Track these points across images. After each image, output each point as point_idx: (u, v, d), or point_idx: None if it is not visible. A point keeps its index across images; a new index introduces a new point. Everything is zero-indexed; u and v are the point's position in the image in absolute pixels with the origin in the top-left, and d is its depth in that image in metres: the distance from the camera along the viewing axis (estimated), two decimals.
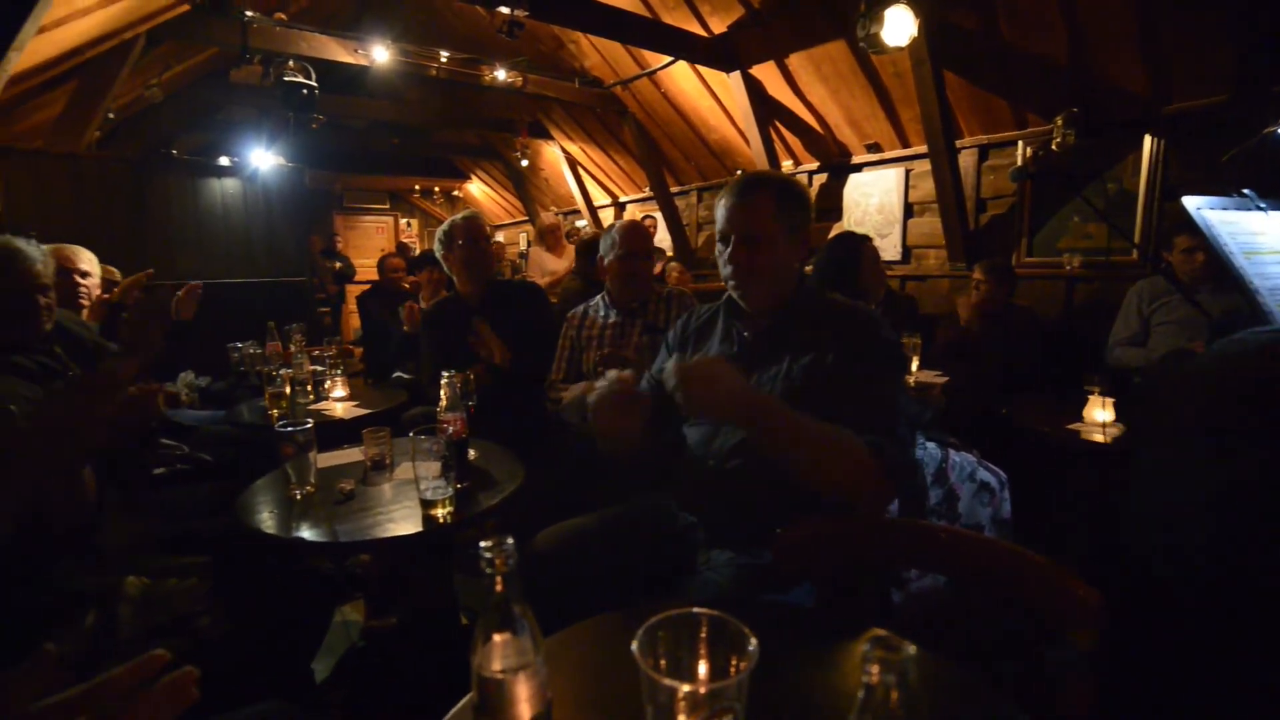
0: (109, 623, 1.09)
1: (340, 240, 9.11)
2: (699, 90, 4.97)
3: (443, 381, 1.35)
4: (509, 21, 3.81)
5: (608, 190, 7.39)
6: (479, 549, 0.53)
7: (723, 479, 1.26)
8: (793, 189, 1.28)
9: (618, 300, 2.14)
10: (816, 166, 4.89)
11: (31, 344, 1.76)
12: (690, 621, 0.62)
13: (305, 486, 1.37)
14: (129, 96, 4.80)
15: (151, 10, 3.73)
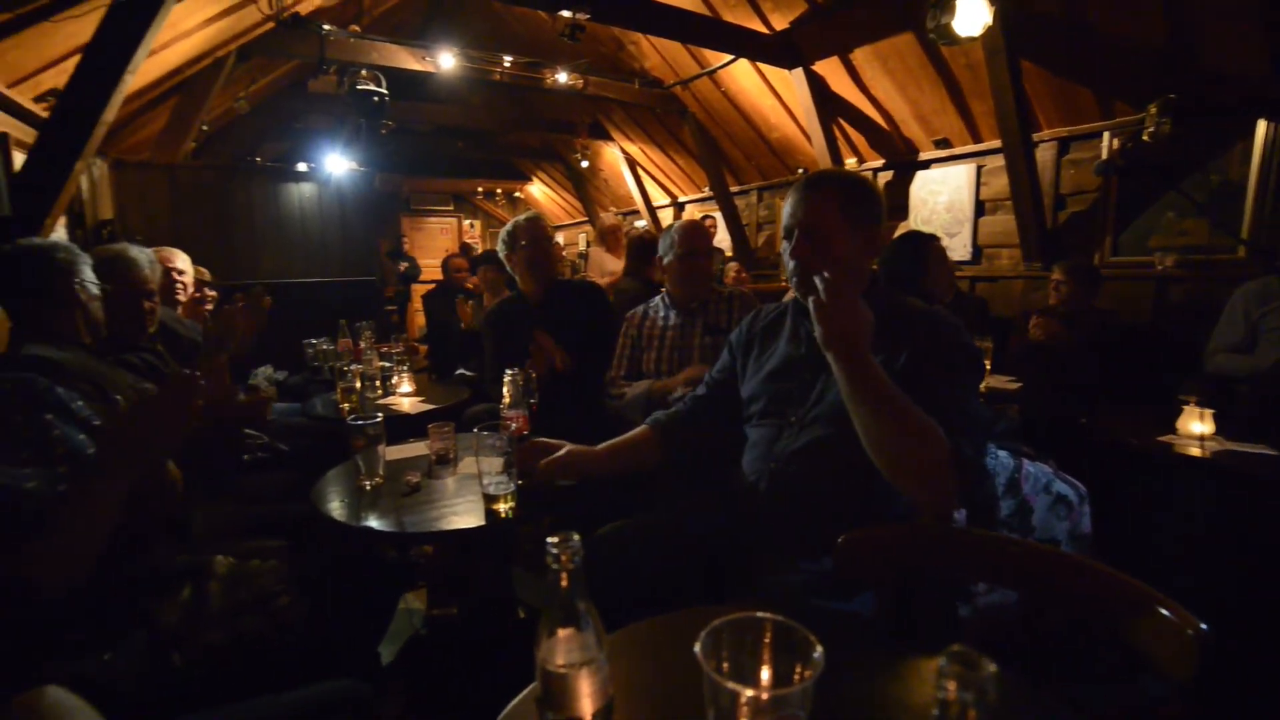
0: (201, 597, 1.16)
1: (407, 241, 9.45)
2: (760, 88, 4.91)
3: (505, 379, 1.38)
4: (571, 25, 3.87)
5: (667, 190, 7.39)
6: (546, 544, 0.54)
7: (785, 482, 1.24)
8: (861, 186, 1.25)
9: (678, 301, 2.14)
10: (881, 164, 4.75)
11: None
12: (754, 625, 0.62)
13: (374, 478, 1.43)
14: (220, 109, 5.13)
15: (242, 29, 3.98)
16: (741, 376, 1.43)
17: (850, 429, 1.18)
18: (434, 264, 8.56)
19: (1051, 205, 3.70)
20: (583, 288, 2.57)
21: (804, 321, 1.34)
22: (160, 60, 3.48)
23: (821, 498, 1.18)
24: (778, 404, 1.30)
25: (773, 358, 1.36)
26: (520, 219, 2.40)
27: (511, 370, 1.39)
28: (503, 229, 2.46)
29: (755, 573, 1.23)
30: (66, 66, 2.75)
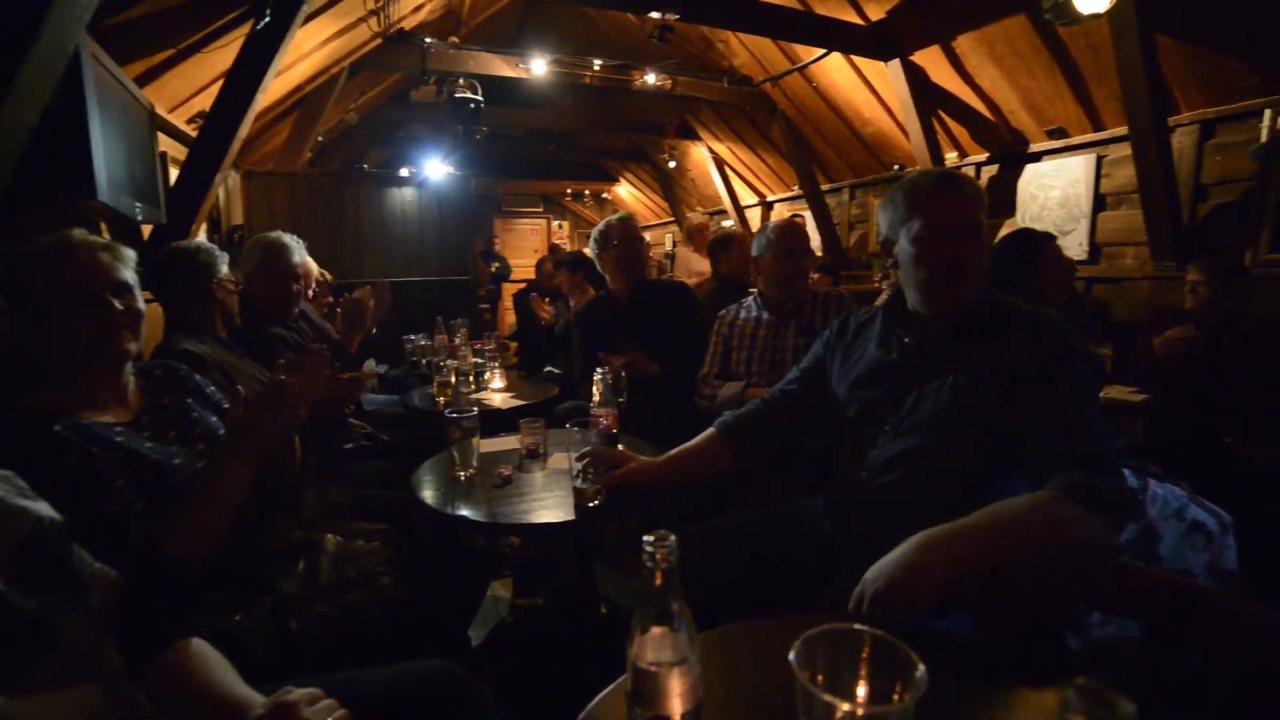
0: (314, 571, 1.25)
1: (498, 242, 9.82)
2: (853, 82, 4.73)
3: (596, 377, 1.40)
4: (660, 26, 3.89)
5: (755, 190, 7.28)
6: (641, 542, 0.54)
7: (876, 492, 1.19)
8: (981, 190, 1.20)
9: (771, 301, 2.11)
10: (985, 158, 4.47)
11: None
12: (851, 638, 0.60)
13: (468, 469, 1.49)
14: (333, 121, 5.53)
15: (353, 47, 4.27)
16: (830, 376, 1.38)
17: (947, 438, 1.12)
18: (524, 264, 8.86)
19: (1189, 197, 3.32)
20: (671, 287, 2.58)
21: (896, 326, 1.28)
22: (285, 80, 3.80)
23: (916, 508, 1.12)
24: (869, 411, 1.25)
25: (862, 362, 1.31)
26: (613, 218, 2.44)
27: (601, 369, 1.41)
28: (594, 228, 2.50)
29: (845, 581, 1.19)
30: (212, 91, 3.05)
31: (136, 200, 2.03)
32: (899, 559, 0.89)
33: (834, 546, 1.25)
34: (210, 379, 1.44)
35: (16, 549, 0.66)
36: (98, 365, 1.14)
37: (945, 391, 1.14)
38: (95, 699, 0.65)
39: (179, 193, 2.62)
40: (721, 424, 1.43)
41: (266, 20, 2.48)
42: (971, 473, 1.11)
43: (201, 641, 0.85)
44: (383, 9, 3.99)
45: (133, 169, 2.04)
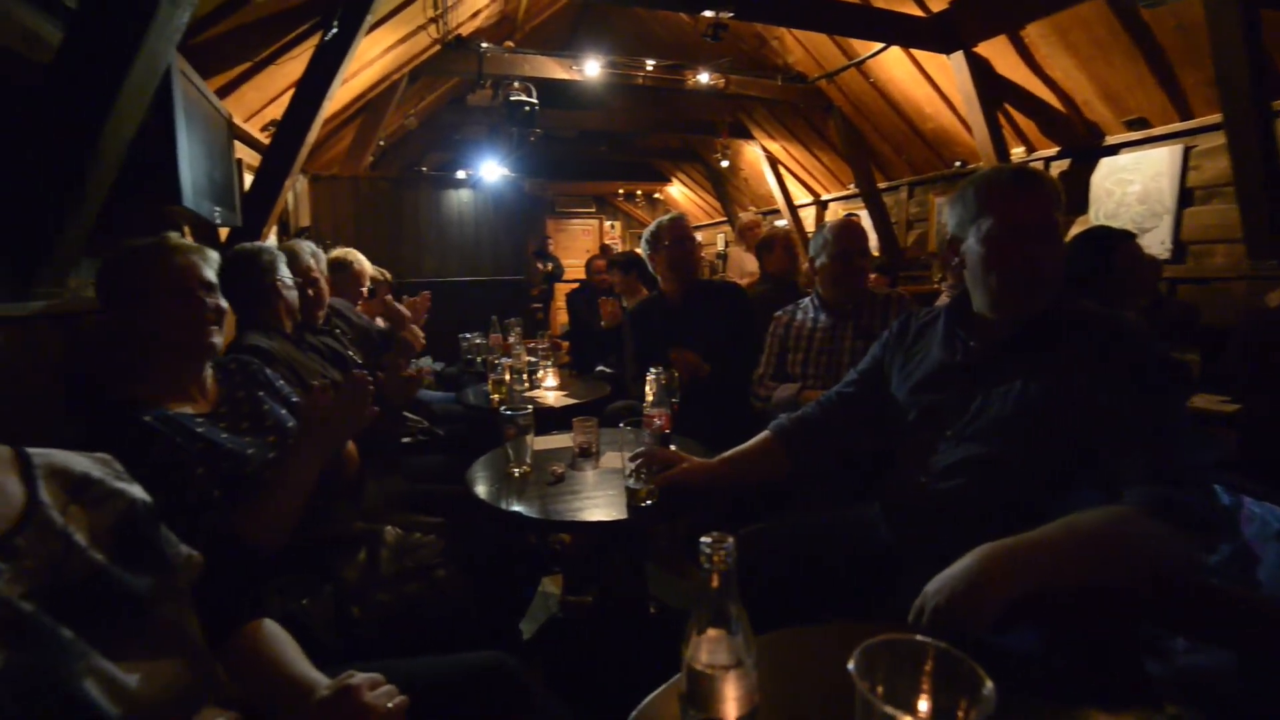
0: (374, 560, 1.30)
1: (551, 242, 9.96)
2: (913, 77, 4.59)
3: (649, 377, 1.40)
4: (713, 24, 3.86)
5: (809, 189, 7.16)
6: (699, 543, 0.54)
7: (936, 499, 1.15)
8: (1058, 186, 1.13)
9: (829, 302, 2.06)
10: (1055, 152, 4.25)
11: (316, 326, 2.21)
12: (913, 649, 0.58)
13: (522, 466, 1.52)
14: (393, 126, 5.72)
15: (414, 54, 4.41)
16: (889, 379, 1.34)
17: (1014, 447, 1.07)
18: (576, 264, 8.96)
19: None
20: (723, 287, 2.56)
21: (960, 329, 1.23)
22: (349, 87, 3.96)
23: (978, 518, 1.08)
24: (931, 415, 1.21)
25: (924, 365, 1.27)
26: (664, 219, 2.44)
27: (655, 369, 1.41)
28: (646, 229, 2.51)
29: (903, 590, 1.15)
30: (283, 100, 3.21)
31: (215, 205, 2.15)
32: (961, 572, 0.86)
33: (891, 554, 1.22)
34: (278, 373, 1.51)
35: (114, 528, 0.71)
36: (188, 358, 1.21)
37: (1013, 398, 1.09)
38: (182, 672, 0.69)
39: (253, 197, 2.76)
40: (777, 427, 1.40)
41: (334, 31, 2.59)
42: (1039, 483, 1.05)
43: (272, 622, 0.89)
44: (441, 16, 4.10)
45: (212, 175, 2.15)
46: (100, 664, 0.61)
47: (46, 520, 0.66)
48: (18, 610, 0.57)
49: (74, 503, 0.70)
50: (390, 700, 0.75)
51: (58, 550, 0.64)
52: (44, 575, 0.62)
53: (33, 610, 0.58)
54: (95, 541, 0.69)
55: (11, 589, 0.58)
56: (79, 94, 1.23)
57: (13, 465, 0.68)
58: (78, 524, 0.68)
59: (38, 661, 0.56)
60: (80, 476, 0.72)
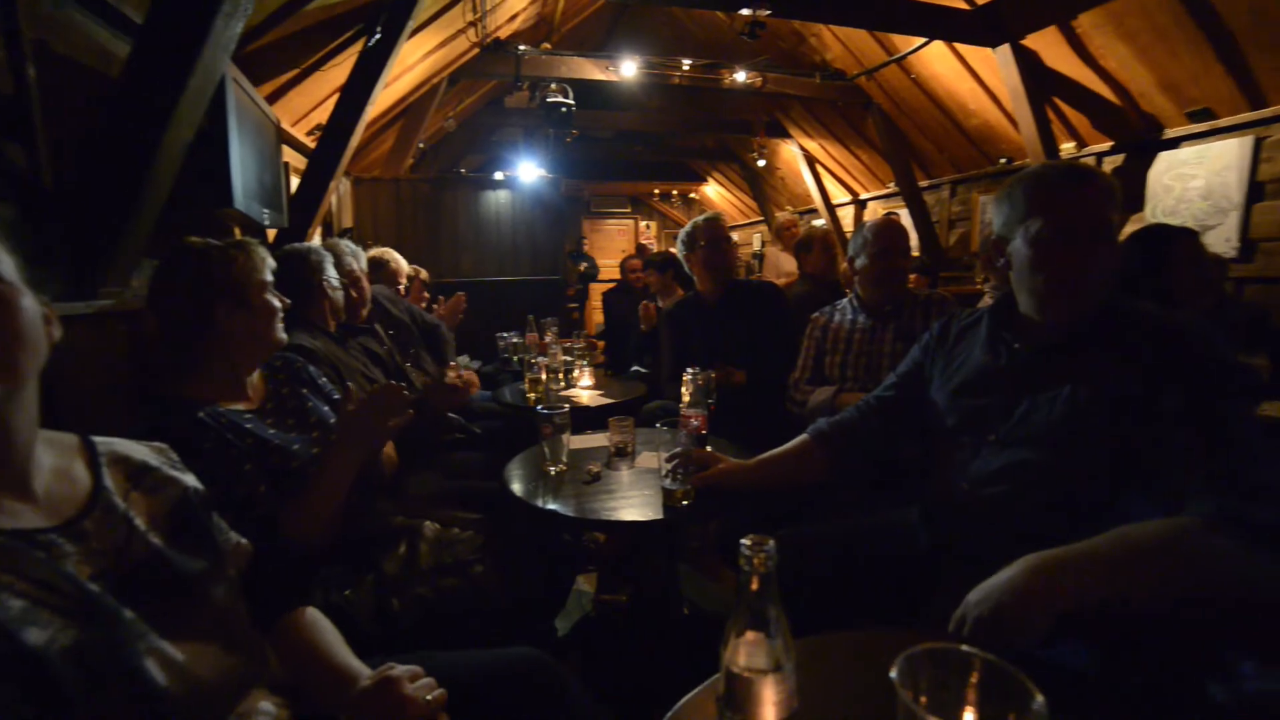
0: (414, 554, 1.33)
1: (586, 242, 10.02)
2: (956, 72, 4.47)
3: (685, 378, 1.40)
4: (751, 23, 3.83)
5: (848, 188, 7.04)
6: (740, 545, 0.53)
7: (979, 506, 1.12)
8: (1115, 184, 1.08)
9: (868, 304, 2.03)
10: (1109, 147, 4.09)
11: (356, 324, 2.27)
12: (959, 660, 0.56)
13: (558, 464, 1.53)
14: (433, 129, 5.83)
15: (453, 58, 4.49)
16: (930, 382, 1.31)
17: (1062, 453, 1.03)
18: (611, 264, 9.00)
19: None
20: (761, 287, 2.54)
21: (1005, 331, 1.19)
22: (391, 91, 4.04)
23: (1022, 527, 1.05)
24: (973, 420, 1.17)
25: (965, 368, 1.23)
26: (699, 219, 2.43)
27: (691, 369, 1.40)
28: (682, 230, 2.50)
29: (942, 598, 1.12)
30: (328, 105, 3.30)
31: (264, 207, 2.23)
32: (1006, 583, 0.83)
33: (930, 561, 1.19)
34: (321, 371, 1.55)
35: (170, 513, 0.74)
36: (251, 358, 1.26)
37: (1061, 403, 1.05)
38: (233, 654, 0.72)
39: (299, 199, 2.84)
40: (815, 430, 1.39)
41: (377, 37, 2.66)
42: (1089, 492, 1.01)
43: (316, 611, 0.92)
44: (480, 20, 4.16)
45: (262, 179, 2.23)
46: (158, 644, 0.63)
47: (110, 504, 0.69)
48: (85, 590, 0.60)
49: (134, 489, 0.73)
50: (430, 693, 0.76)
51: (120, 533, 0.68)
52: (108, 557, 0.65)
53: (99, 591, 0.61)
54: (153, 526, 0.72)
55: (81, 570, 0.61)
56: (143, 104, 1.28)
57: (79, 453, 0.72)
58: (137, 509, 0.72)
59: (103, 640, 0.59)
60: (140, 464, 0.76)
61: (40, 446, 0.67)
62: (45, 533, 0.61)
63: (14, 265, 0.63)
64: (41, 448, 0.67)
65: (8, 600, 0.54)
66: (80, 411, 1.25)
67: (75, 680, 0.55)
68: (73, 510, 0.66)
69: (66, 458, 0.70)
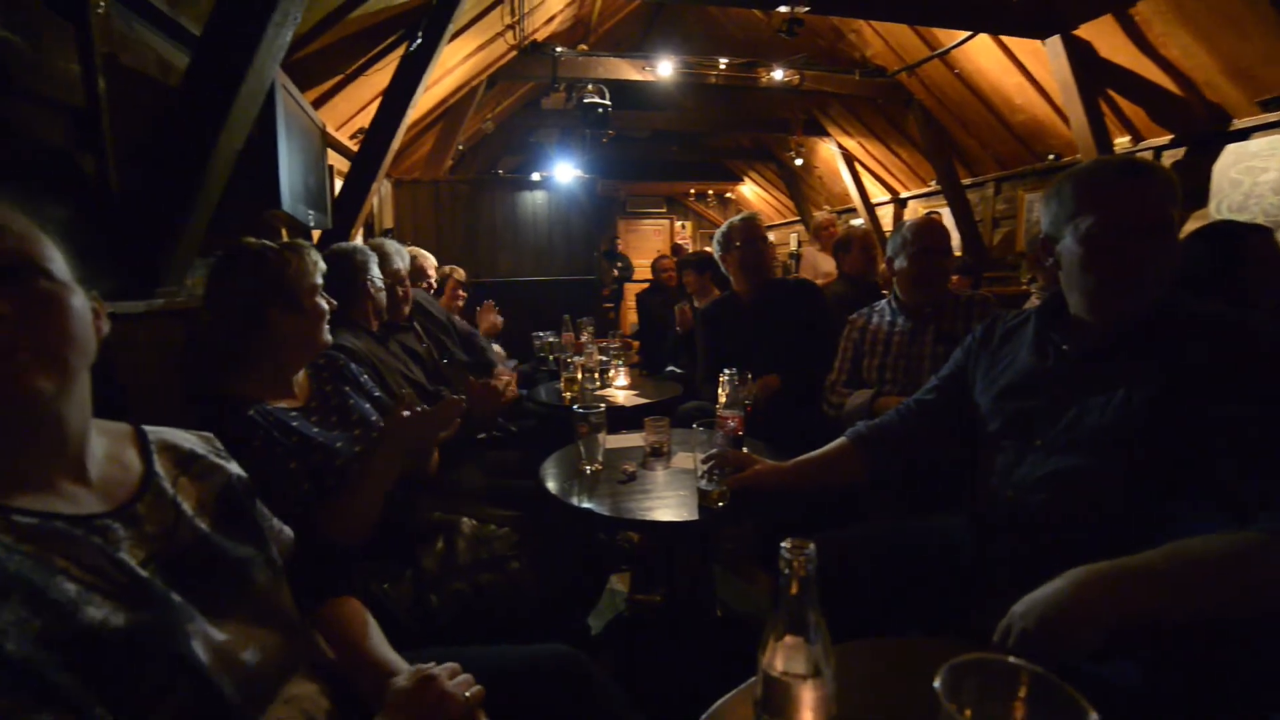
0: (451, 550, 1.35)
1: (621, 242, 10.05)
2: (1002, 65, 4.34)
3: (722, 379, 1.39)
4: (789, 20, 3.79)
5: (887, 186, 6.91)
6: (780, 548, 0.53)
7: (1023, 513, 1.08)
8: (1174, 179, 1.03)
9: (907, 305, 1.98)
10: (1168, 140, 3.91)
11: (399, 322, 2.31)
12: (1005, 672, 0.55)
13: (594, 463, 1.54)
14: (471, 130, 5.92)
15: (491, 61, 4.56)
16: (973, 385, 1.27)
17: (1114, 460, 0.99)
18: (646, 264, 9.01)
19: None
20: (798, 286, 2.51)
21: (1053, 333, 1.15)
22: (431, 94, 4.13)
23: (1070, 536, 1.01)
24: (1018, 424, 1.13)
25: (1011, 370, 1.19)
26: (736, 219, 2.41)
27: (728, 370, 1.39)
28: (718, 229, 2.49)
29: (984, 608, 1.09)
30: (370, 109, 3.39)
31: (310, 208, 2.29)
32: (1055, 596, 0.79)
33: (972, 569, 1.15)
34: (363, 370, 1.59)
35: (216, 499, 0.77)
36: (299, 360, 1.30)
37: (1113, 407, 1.01)
38: (277, 639, 0.74)
39: (342, 201, 2.92)
40: (854, 433, 1.36)
41: (418, 42, 2.71)
42: (1143, 502, 0.97)
43: (357, 602, 0.94)
44: (518, 23, 4.22)
45: (307, 181, 2.30)
46: (205, 627, 0.65)
47: (160, 490, 0.72)
48: (137, 576, 0.62)
49: (183, 475, 0.76)
50: (467, 690, 0.77)
51: (169, 518, 0.70)
52: (158, 541, 0.67)
53: (149, 576, 0.63)
54: (200, 511, 0.74)
55: (134, 554, 0.64)
56: (199, 111, 1.34)
57: (131, 440, 0.75)
58: (185, 494, 0.74)
59: (153, 623, 0.61)
60: (187, 452, 0.79)
61: (94, 434, 0.70)
62: (101, 518, 0.64)
63: (65, 264, 0.65)
64: (95, 435, 0.70)
65: (64, 584, 0.56)
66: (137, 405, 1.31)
67: (127, 662, 0.57)
68: (126, 495, 0.68)
69: (119, 445, 0.73)
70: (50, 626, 0.53)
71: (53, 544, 0.58)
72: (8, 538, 0.56)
